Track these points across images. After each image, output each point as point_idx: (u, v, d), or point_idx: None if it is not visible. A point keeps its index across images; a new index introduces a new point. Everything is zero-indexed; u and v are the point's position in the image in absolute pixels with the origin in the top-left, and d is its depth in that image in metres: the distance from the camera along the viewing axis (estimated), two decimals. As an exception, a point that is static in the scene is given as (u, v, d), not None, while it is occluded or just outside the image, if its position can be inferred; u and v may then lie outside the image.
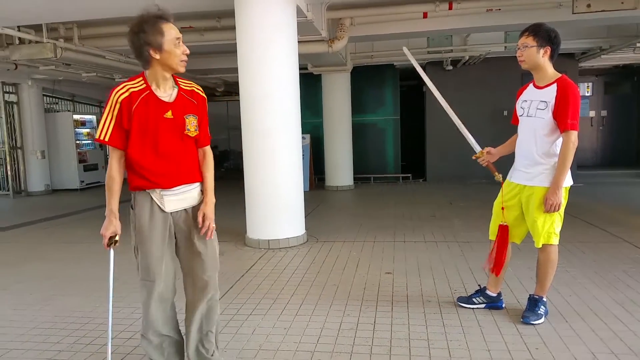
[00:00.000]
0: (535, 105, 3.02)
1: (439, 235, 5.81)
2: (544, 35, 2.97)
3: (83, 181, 11.87)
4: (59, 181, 11.81)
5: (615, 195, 8.56)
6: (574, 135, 2.90)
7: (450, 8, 6.96)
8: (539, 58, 2.99)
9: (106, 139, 2.22)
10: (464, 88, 11.05)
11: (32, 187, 11.40)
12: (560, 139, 2.95)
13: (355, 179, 11.01)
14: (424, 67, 11.41)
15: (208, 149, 2.48)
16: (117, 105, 2.20)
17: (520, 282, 3.89)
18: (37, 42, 7.45)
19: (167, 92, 2.30)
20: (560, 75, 3.01)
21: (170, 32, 2.20)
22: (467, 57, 10.29)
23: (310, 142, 10.78)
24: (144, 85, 2.25)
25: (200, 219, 2.34)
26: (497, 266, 3.24)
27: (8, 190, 11.13)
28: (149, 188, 2.30)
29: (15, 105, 11.25)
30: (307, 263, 4.80)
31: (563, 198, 2.97)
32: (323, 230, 6.25)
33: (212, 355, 2.49)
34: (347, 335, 3.06)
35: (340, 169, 10.67)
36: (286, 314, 3.45)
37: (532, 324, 3.08)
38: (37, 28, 7.26)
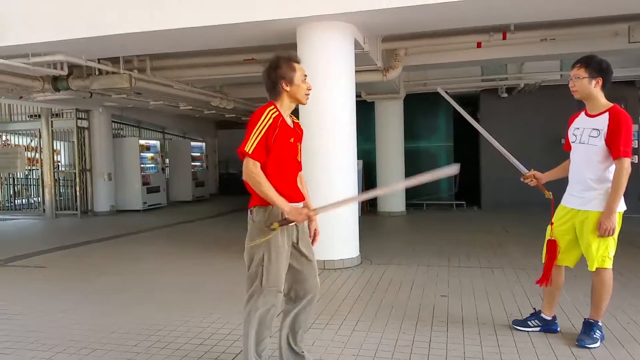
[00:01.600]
0: (587, 133, 3.13)
1: (494, 261, 5.83)
2: (595, 66, 3.11)
3: (145, 202, 12.51)
4: (123, 202, 12.47)
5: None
6: (626, 162, 2.99)
7: (504, 38, 7.07)
8: (591, 88, 3.12)
9: (250, 152, 2.49)
10: (519, 115, 11.01)
11: (99, 207, 12.09)
12: (613, 166, 3.05)
13: (407, 205, 11.09)
14: (478, 95, 11.48)
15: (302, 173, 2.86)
16: (269, 123, 2.53)
17: (575, 308, 3.91)
18: (113, 72, 8.13)
19: (289, 121, 2.68)
20: (612, 104, 3.13)
21: (300, 70, 2.65)
22: (522, 85, 10.29)
23: (363, 168, 11.00)
24: (278, 112, 2.61)
25: (312, 232, 2.81)
26: (544, 277, 3.32)
27: (76, 210, 11.83)
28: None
29: (86, 131, 12.09)
30: (362, 283, 4.97)
31: (617, 223, 3.04)
32: (376, 253, 6.40)
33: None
34: (403, 351, 3.21)
35: (393, 195, 10.79)
36: (344, 329, 3.64)
37: (587, 348, 3.12)
38: (113, 60, 7.93)
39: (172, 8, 5.60)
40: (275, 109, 2.60)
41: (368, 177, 11.35)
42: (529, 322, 3.48)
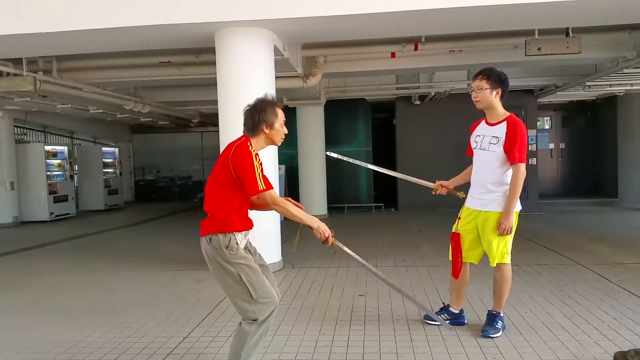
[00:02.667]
0: (487, 140, 3.41)
1: (409, 260, 6.11)
2: (495, 78, 3.40)
3: (52, 212, 11.71)
4: (27, 213, 11.58)
5: (573, 223, 9.09)
6: (522, 167, 3.29)
7: (416, 49, 7.46)
8: (492, 98, 3.40)
9: (264, 187, 2.65)
10: (431, 121, 11.62)
11: (1, 218, 11.14)
12: (510, 170, 3.33)
13: (329, 208, 11.31)
14: (393, 102, 11.97)
15: None
16: (259, 159, 2.70)
17: (481, 301, 4.22)
18: (15, 74, 7.57)
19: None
20: (509, 114, 3.43)
21: (281, 116, 2.82)
22: (433, 93, 10.87)
23: (286, 173, 11.07)
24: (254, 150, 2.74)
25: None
26: (454, 269, 3.57)
27: (-25, 222, 10.91)
28: (245, 229, 2.78)
29: (-15, 136, 11.13)
30: (283, 288, 5.00)
31: (514, 222, 3.32)
32: (298, 257, 6.46)
33: None
34: (322, 351, 3.30)
35: (315, 199, 10.97)
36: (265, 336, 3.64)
37: (491, 337, 3.38)
38: (15, 61, 7.39)
39: (85, 7, 5.30)
40: (252, 147, 2.72)
41: (290, 182, 11.43)
42: (439, 316, 3.69)
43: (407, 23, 5.69)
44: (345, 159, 4.14)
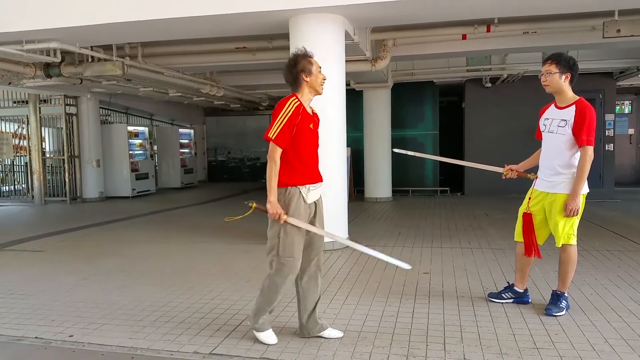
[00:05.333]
0: (556, 123, 3.48)
1: (474, 243, 6.17)
2: (564, 63, 3.43)
3: (134, 189, 12.56)
4: (112, 189, 12.47)
5: (651, 212, 8.66)
6: (590, 149, 3.34)
7: (488, 30, 7.34)
8: (561, 83, 3.45)
9: (273, 137, 2.90)
10: (502, 104, 11.35)
11: (87, 194, 12.11)
12: (579, 153, 3.38)
13: (393, 191, 11.41)
14: (463, 85, 11.79)
15: None
16: (292, 111, 2.93)
17: (547, 282, 4.27)
18: (106, 60, 8.24)
19: (309, 110, 3.11)
20: (578, 97, 3.47)
21: (316, 63, 3.08)
22: (505, 75, 10.61)
23: (351, 155, 11.25)
24: (300, 102, 3.01)
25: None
26: (527, 247, 3.65)
27: (65, 197, 11.85)
28: (300, 184, 3.01)
29: (74, 117, 12.05)
30: (350, 264, 5.27)
31: (581, 204, 3.38)
32: (364, 236, 6.70)
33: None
34: (389, 320, 3.53)
35: (380, 182, 11.12)
36: (334, 303, 3.94)
37: (554, 316, 3.47)
38: (105, 47, 8.02)
39: (169, -2, 5.74)
40: (297, 99, 2.98)
41: (356, 165, 11.62)
42: (502, 295, 3.83)
43: (479, 4, 5.67)
44: (411, 154, 4.31)
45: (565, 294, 3.57)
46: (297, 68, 3.01)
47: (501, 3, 5.69)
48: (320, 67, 3.08)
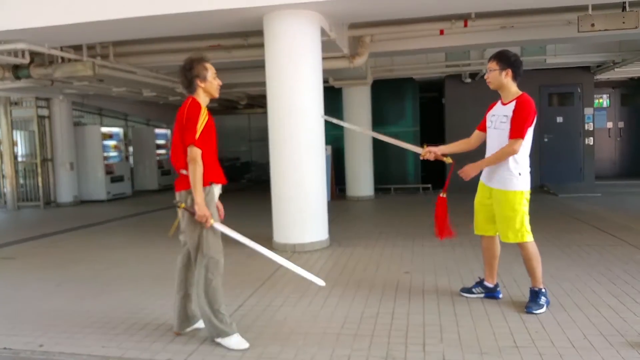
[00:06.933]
0: (499, 120, 3.53)
1: (455, 240, 6.06)
2: (505, 59, 3.50)
3: (110, 192, 12.27)
4: (86, 192, 12.13)
5: (629, 205, 8.74)
6: (515, 143, 3.39)
7: (465, 25, 7.33)
8: (502, 79, 3.51)
9: (196, 139, 2.98)
10: (482, 100, 11.24)
11: (62, 198, 11.73)
12: (522, 150, 3.42)
13: (376, 189, 11.34)
14: (443, 80, 11.80)
15: None
16: (206, 116, 3.05)
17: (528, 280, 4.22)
18: (76, 60, 8.01)
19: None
20: (521, 93, 3.49)
21: (211, 68, 3.14)
22: (484, 71, 10.61)
23: (332, 153, 11.17)
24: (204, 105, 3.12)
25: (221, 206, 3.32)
26: (439, 230, 3.83)
27: (39, 201, 11.49)
28: (214, 181, 3.13)
29: (47, 119, 11.69)
30: (331, 264, 5.19)
31: (526, 200, 3.47)
32: (345, 236, 6.62)
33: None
34: (368, 322, 3.46)
35: (361, 180, 11.03)
36: (314, 305, 3.86)
37: (534, 313, 3.44)
38: (75, 47, 7.79)
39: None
40: (199, 103, 3.07)
41: (337, 163, 11.54)
42: (473, 290, 3.86)
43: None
44: (337, 122, 4.50)
45: (543, 290, 3.55)
46: (192, 73, 3.07)
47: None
48: (215, 72, 3.15)
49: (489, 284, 3.82)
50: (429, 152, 3.84)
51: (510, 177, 3.44)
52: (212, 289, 3.11)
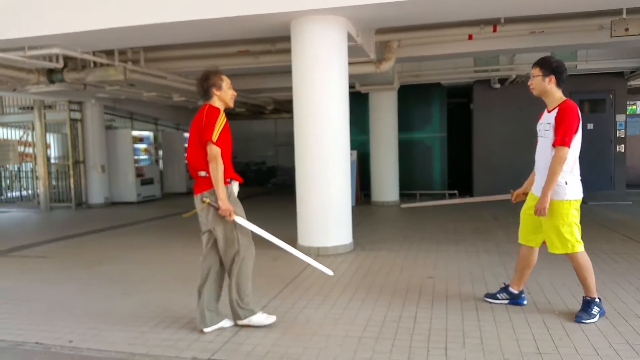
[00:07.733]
0: (543, 127, 3.47)
1: (480, 246, 6.07)
2: (547, 66, 3.44)
3: (140, 194, 12.53)
4: (117, 194, 12.43)
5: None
6: (562, 150, 3.30)
7: (494, 30, 7.23)
8: (545, 85, 3.45)
9: (215, 140, 3.22)
10: (511, 106, 11.21)
11: (93, 199, 12.04)
12: (568, 157, 3.33)
13: (401, 195, 11.28)
14: (471, 86, 11.67)
15: None
16: (224, 118, 3.31)
17: (554, 287, 4.17)
18: (108, 65, 8.22)
19: None
20: (564, 99, 3.42)
21: (227, 80, 3.42)
22: (514, 76, 10.48)
23: (357, 159, 11.16)
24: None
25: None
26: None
27: (70, 202, 11.82)
28: (233, 179, 3.44)
29: (79, 123, 12.03)
30: (354, 268, 5.19)
31: (575, 209, 3.37)
32: (369, 240, 6.62)
33: None
34: (390, 325, 3.46)
35: (386, 185, 10.99)
36: (336, 308, 3.88)
37: (584, 323, 3.35)
38: (107, 52, 8.00)
39: (169, 1, 5.72)
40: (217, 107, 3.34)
41: (362, 168, 11.52)
42: (498, 296, 3.82)
43: (484, 4, 5.58)
44: (419, 204, 4.47)
45: (596, 299, 3.46)
46: (208, 82, 3.33)
47: (506, 1, 5.59)
48: (230, 84, 3.41)
49: (514, 290, 3.77)
50: (517, 195, 3.85)
51: (556, 186, 3.35)
52: (243, 272, 3.35)
